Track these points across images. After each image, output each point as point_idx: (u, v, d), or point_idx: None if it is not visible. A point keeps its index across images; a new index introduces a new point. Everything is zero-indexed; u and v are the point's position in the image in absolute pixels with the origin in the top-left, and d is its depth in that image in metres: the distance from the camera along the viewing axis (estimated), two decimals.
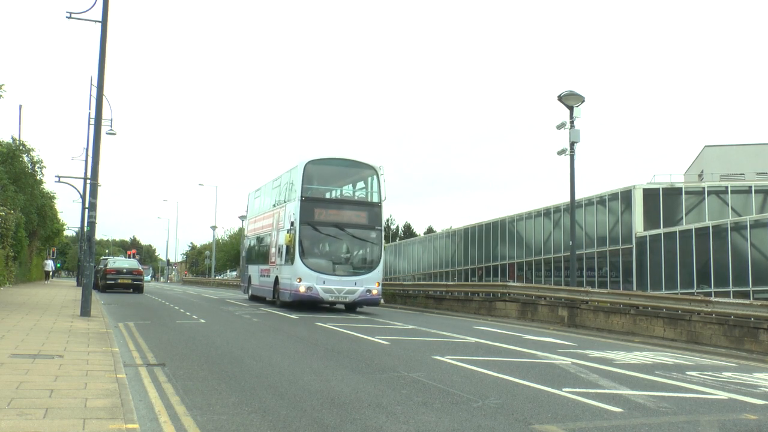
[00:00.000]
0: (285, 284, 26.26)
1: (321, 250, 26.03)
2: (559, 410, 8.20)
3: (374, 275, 25.72)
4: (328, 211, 25.93)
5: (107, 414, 6.63)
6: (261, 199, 34.09)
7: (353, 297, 25.27)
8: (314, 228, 25.56)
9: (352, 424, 7.09)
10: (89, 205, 19.55)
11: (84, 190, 42.04)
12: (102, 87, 19.44)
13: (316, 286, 24.73)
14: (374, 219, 26.28)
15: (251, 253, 34.49)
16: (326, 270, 25.15)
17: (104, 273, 38.76)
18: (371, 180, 27.00)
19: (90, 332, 14.08)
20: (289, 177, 27.82)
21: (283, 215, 27.33)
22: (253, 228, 34.71)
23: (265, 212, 32.24)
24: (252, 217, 35.79)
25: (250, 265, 34.36)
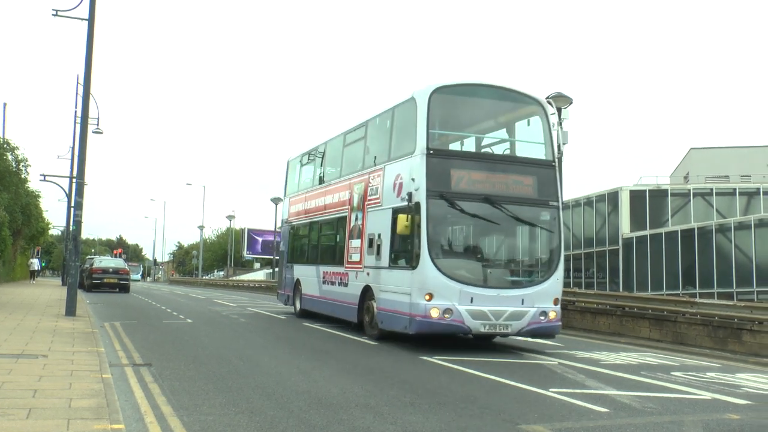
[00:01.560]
0: (396, 303, 14.27)
1: (464, 245, 15.17)
2: (545, 410, 8.22)
3: (551, 286, 14.43)
4: (473, 175, 14.62)
5: (92, 414, 6.59)
6: (316, 166, 21.78)
7: (520, 325, 13.84)
8: (451, 204, 14.04)
9: (340, 424, 7.08)
10: (75, 204, 19.47)
11: (70, 188, 41.76)
12: (89, 85, 19.35)
13: (458, 308, 13.37)
14: (547, 188, 15.02)
15: (298, 248, 22.98)
16: (475, 279, 13.96)
17: (90, 272, 38.49)
18: (538, 123, 15.66)
19: (75, 332, 14.00)
20: (389, 120, 16.40)
21: (379, 185, 15.95)
22: (303, 210, 22.19)
23: (330, 184, 19.75)
24: (298, 194, 23.15)
25: (296, 265, 22.52)
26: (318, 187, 20.98)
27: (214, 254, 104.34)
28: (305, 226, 21.95)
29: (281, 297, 24.50)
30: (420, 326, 13.45)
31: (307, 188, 22.30)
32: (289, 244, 23.58)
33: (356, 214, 16.99)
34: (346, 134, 19.14)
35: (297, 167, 24.11)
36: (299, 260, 22.39)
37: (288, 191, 24.75)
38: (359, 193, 16.96)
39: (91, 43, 18.89)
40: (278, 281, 26.00)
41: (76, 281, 18.65)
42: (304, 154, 23.17)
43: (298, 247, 22.98)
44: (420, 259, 13.54)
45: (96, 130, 32.49)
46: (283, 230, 24.82)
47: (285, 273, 23.90)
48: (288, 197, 24.60)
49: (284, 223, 24.53)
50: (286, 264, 23.75)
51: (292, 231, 23.36)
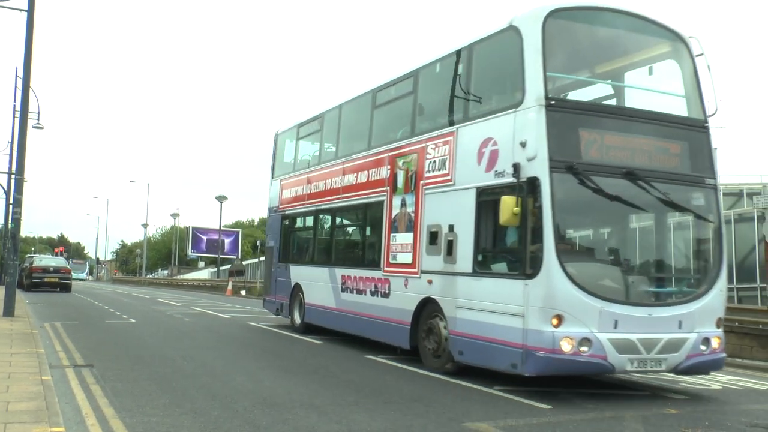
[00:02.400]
0: (494, 328, 9.82)
1: (600, 242, 11.00)
2: (490, 408, 8.34)
3: (714, 301, 10.13)
4: (609, 139, 10.11)
5: (31, 417, 6.45)
6: (325, 138, 16.82)
7: (677, 359, 9.66)
8: (583, 181, 9.56)
9: (284, 424, 7.06)
10: (14, 201, 19.05)
11: (8, 185, 40.65)
12: (28, 79, 18.90)
13: (599, 337, 9.09)
14: (700, 159, 10.66)
15: (296, 243, 18.44)
16: (619, 293, 9.66)
17: (30, 271, 37.58)
18: (684, 67, 11.14)
19: (13, 333, 13.66)
20: (465, 65, 11.50)
21: (447, 156, 11.38)
22: (303, 195, 17.10)
23: (351, 159, 14.77)
24: (295, 174, 17.92)
25: (293, 266, 17.57)
26: (328, 164, 15.81)
27: (158, 253, 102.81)
28: (308, 216, 17.07)
29: (269, 304, 19.01)
30: (544, 365, 8.95)
31: (309, 167, 16.98)
32: (281, 238, 18.36)
33: (402, 198, 12.40)
34: (376, 92, 14.13)
35: (290, 142, 18.90)
36: (299, 260, 17.51)
37: (276, 172, 19.27)
38: (408, 168, 12.36)
39: (31, 35, 18.45)
40: (265, 285, 20.46)
41: (14, 281, 18.23)
42: (301, 125, 17.82)
43: (296, 242, 18.30)
44: (542, 263, 9.02)
45: (36, 125, 31.74)
46: (271, 221, 19.45)
47: (276, 275, 18.49)
48: (277, 180, 18.94)
49: (272, 213, 19.21)
50: (277, 264, 18.46)
51: (286, 222, 18.26)
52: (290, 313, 17.18)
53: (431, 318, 11.36)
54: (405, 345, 12.05)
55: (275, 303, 18.42)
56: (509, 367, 9.42)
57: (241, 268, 55.04)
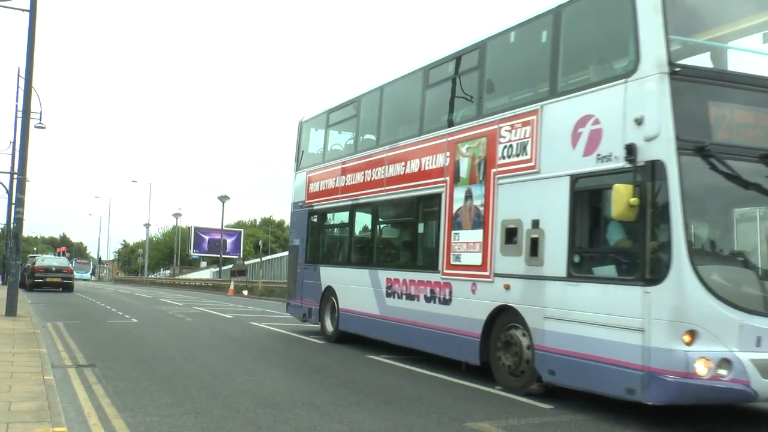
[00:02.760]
0: (601, 345, 8.10)
1: (734, 241, 8.77)
2: (491, 408, 8.34)
3: None
4: (740, 115, 8.40)
5: (33, 417, 6.46)
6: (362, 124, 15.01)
7: None
8: (715, 166, 7.91)
9: (286, 424, 7.07)
10: (16, 201, 19.05)
11: (11, 185, 40.69)
12: (31, 78, 18.91)
13: (740, 358, 7.41)
14: None
15: (327, 242, 16.58)
16: (758, 302, 7.90)
17: (32, 271, 37.64)
18: None
19: (15, 332, 13.67)
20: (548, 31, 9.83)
21: (528, 139, 9.72)
22: (338, 188, 15.20)
23: (397, 147, 13.13)
24: (325, 166, 16.03)
25: (325, 267, 15.68)
26: (367, 153, 14.05)
27: (160, 253, 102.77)
28: (342, 211, 15.15)
29: (294, 309, 17.04)
30: (674, 392, 7.38)
31: (343, 157, 15.15)
32: (308, 236, 16.45)
33: (467, 189, 10.64)
34: (428, 69, 12.38)
35: (318, 131, 17.02)
36: (331, 260, 15.68)
37: (302, 164, 17.22)
38: (474, 155, 10.55)
39: (33, 34, 18.46)
40: (289, 287, 18.14)
41: (16, 280, 18.24)
42: (332, 111, 15.93)
43: (326, 240, 16.43)
44: (670, 266, 7.50)
45: (38, 125, 31.79)
46: (295, 217, 17.53)
47: (302, 277, 16.46)
48: (303, 172, 16.98)
49: (297, 208, 17.23)
50: (303, 264, 16.52)
51: (315, 218, 16.35)
52: (320, 319, 15.24)
53: (507, 329, 9.67)
54: (473, 360, 10.21)
55: (301, 308, 16.29)
56: (624, 393, 7.77)
57: (243, 268, 54.93)
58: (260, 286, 44.36)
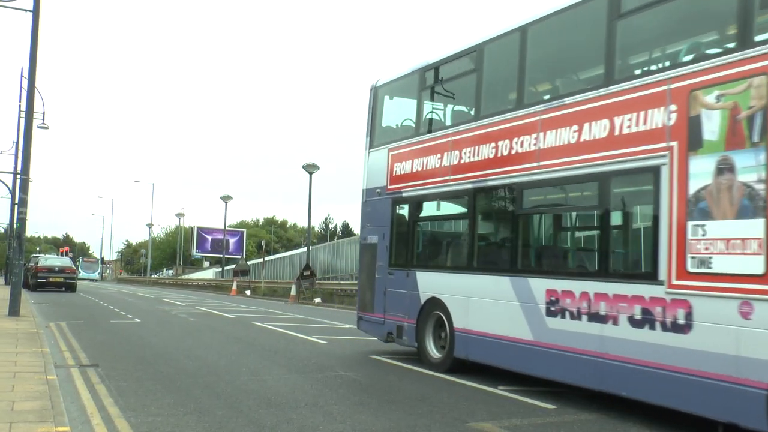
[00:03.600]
0: None
1: None
2: (494, 408, 8.32)
3: None
4: None
5: (36, 417, 6.46)
6: (489, 74, 11.28)
7: None
8: None
9: (289, 424, 7.07)
10: (19, 201, 19.05)
11: (14, 185, 40.74)
12: (34, 79, 18.93)
13: None
14: None
15: (428, 240, 13.11)
16: None
17: (35, 271, 37.73)
18: None
19: (18, 332, 13.69)
20: None
21: None
22: (444, 168, 11.59)
23: (566, 104, 9.44)
24: (426, 139, 12.29)
25: (425, 273, 11.97)
26: (501, 117, 10.47)
27: (163, 253, 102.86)
28: (455, 198, 11.56)
29: (373, 326, 13.03)
30: None
31: (454, 125, 11.67)
32: (394, 232, 12.76)
33: (722, 158, 7.33)
34: None
35: (404, 98, 13.64)
36: (436, 263, 12.20)
37: (379, 140, 13.55)
38: (737, 105, 7.28)
39: (36, 35, 18.47)
40: (361, 298, 13.78)
41: (19, 280, 18.27)
42: (430, 68, 12.27)
43: (428, 237, 12.88)
44: None
45: (41, 125, 31.86)
46: (371, 209, 13.53)
47: (386, 285, 12.65)
48: (382, 150, 13.29)
49: (374, 196, 13.39)
50: (388, 268, 12.66)
51: (405, 208, 12.62)
52: (418, 340, 11.63)
53: None
54: (758, 425, 6.65)
55: (384, 324, 12.54)
56: None
57: (246, 268, 54.96)
58: (263, 286, 44.42)
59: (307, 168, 38.62)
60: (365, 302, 13.42)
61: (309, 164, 38.75)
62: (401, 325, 12.16)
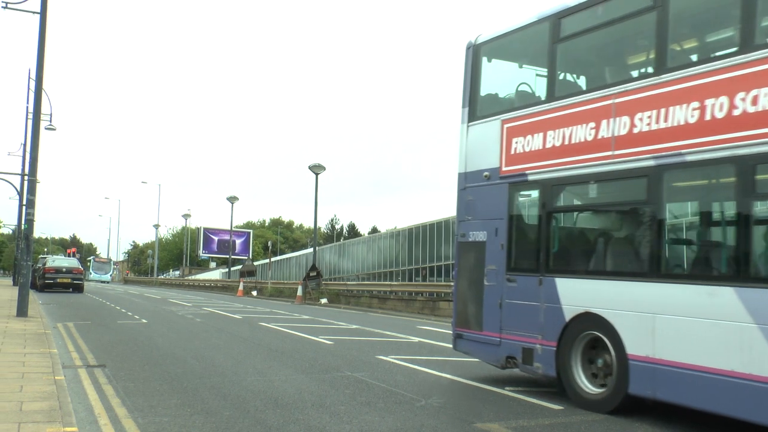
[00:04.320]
0: None
1: None
2: (501, 408, 8.32)
3: None
4: None
5: (44, 417, 6.49)
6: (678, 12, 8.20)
7: None
8: None
9: (295, 424, 7.09)
10: (27, 203, 19.13)
11: (21, 186, 40.93)
12: (41, 80, 19.01)
13: None
14: None
15: (565, 236, 9.83)
16: None
17: (43, 272, 37.88)
18: None
19: (27, 333, 13.75)
20: None
21: None
22: (601, 140, 8.69)
23: None
24: (561, 106, 9.34)
25: (569, 280, 8.91)
26: (712, 67, 7.63)
27: (169, 253, 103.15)
28: (624, 180, 8.65)
29: (481, 348, 10.20)
30: None
31: (615, 85, 8.85)
32: (514, 226, 9.95)
33: None
34: None
35: (513, 57, 11.13)
36: (593, 268, 9.03)
37: (484, 109, 10.74)
38: None
39: (44, 36, 18.56)
40: (459, 310, 10.80)
41: (27, 281, 18.33)
42: (565, 12, 9.47)
43: (574, 234, 10.00)
44: None
45: (49, 127, 31.98)
46: (477, 197, 10.57)
47: (502, 295, 9.82)
48: (492, 122, 10.40)
49: (481, 182, 10.46)
50: (505, 274, 9.83)
51: (533, 196, 9.97)
52: (559, 368, 8.87)
53: None
54: None
55: (500, 346, 9.77)
56: None
57: (252, 269, 55.14)
58: (269, 286, 44.48)
59: (313, 168, 38.71)
60: (467, 317, 10.51)
61: (315, 165, 38.83)
62: (530, 348, 9.28)
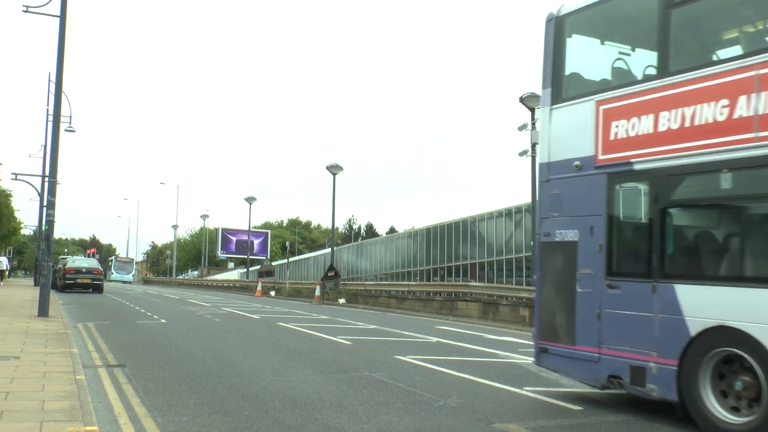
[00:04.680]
0: None
1: None
2: (520, 409, 8.29)
3: None
4: None
5: (65, 416, 6.54)
6: None
7: None
8: None
9: (314, 424, 7.09)
10: (47, 204, 19.30)
11: (42, 188, 41.28)
12: (61, 83, 19.16)
13: None
14: None
15: (692, 235, 8.35)
16: None
17: (63, 273, 38.17)
18: None
19: (48, 333, 13.86)
20: None
21: None
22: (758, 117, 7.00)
23: None
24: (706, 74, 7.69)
25: (693, 287, 7.53)
26: None
27: (188, 254, 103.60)
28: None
29: (572, 363, 8.86)
30: None
31: (745, 56, 7.58)
32: (614, 225, 8.64)
33: None
34: None
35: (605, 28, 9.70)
36: (731, 273, 7.57)
37: (572, 90, 9.48)
38: None
39: (63, 40, 18.71)
40: (546, 319, 9.34)
41: (48, 282, 18.49)
42: None
43: (701, 233, 8.42)
44: None
45: (68, 129, 32.15)
46: (565, 190, 9.19)
47: (599, 302, 8.48)
48: (586, 103, 9.03)
49: (571, 172, 9.09)
50: (604, 278, 8.47)
51: (640, 188, 8.54)
52: (683, 391, 7.53)
53: None
54: None
55: (599, 363, 8.44)
56: None
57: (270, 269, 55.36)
58: (287, 286, 44.58)
59: (330, 169, 38.79)
60: (554, 328, 9.09)
61: (333, 165, 38.91)
62: (641, 366, 7.95)
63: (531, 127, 26.20)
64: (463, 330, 20.16)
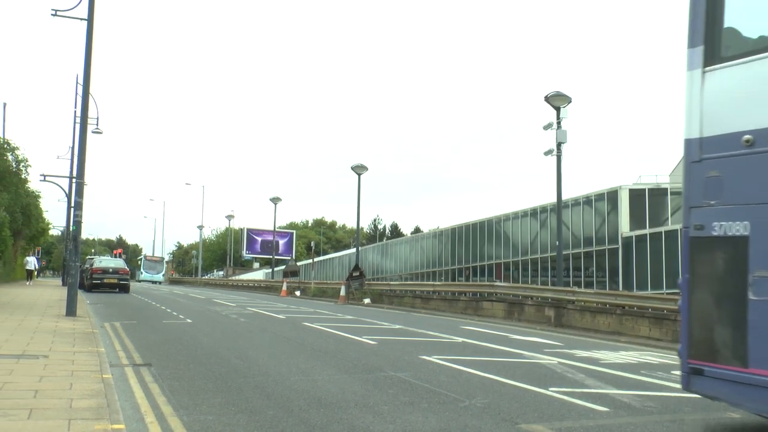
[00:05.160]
0: None
1: None
2: (545, 410, 8.22)
3: None
4: None
5: (93, 414, 6.60)
6: None
7: None
8: None
9: (339, 423, 7.10)
10: (75, 204, 19.51)
11: (70, 189, 41.76)
12: (88, 85, 19.36)
13: None
14: None
15: None
16: None
17: (90, 273, 38.60)
18: None
19: (76, 332, 14.01)
20: None
21: None
22: None
23: None
24: None
25: None
26: None
27: (213, 254, 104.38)
28: None
29: (739, 389, 6.40)
30: None
31: None
32: None
33: None
34: None
35: None
36: None
37: (744, 46, 6.97)
38: None
39: (90, 42, 18.92)
40: (698, 333, 6.90)
41: (76, 281, 18.68)
42: None
43: None
44: None
45: (95, 130, 32.50)
46: (727, 173, 6.74)
47: None
48: (758, 63, 6.48)
49: (739, 149, 6.57)
50: None
51: None
52: None
53: None
54: None
55: None
56: None
57: (296, 269, 55.53)
58: (312, 286, 44.72)
59: (355, 169, 38.85)
60: (713, 345, 6.82)
61: (357, 165, 38.97)
62: None
63: (556, 126, 26.06)
64: (488, 330, 20.08)
